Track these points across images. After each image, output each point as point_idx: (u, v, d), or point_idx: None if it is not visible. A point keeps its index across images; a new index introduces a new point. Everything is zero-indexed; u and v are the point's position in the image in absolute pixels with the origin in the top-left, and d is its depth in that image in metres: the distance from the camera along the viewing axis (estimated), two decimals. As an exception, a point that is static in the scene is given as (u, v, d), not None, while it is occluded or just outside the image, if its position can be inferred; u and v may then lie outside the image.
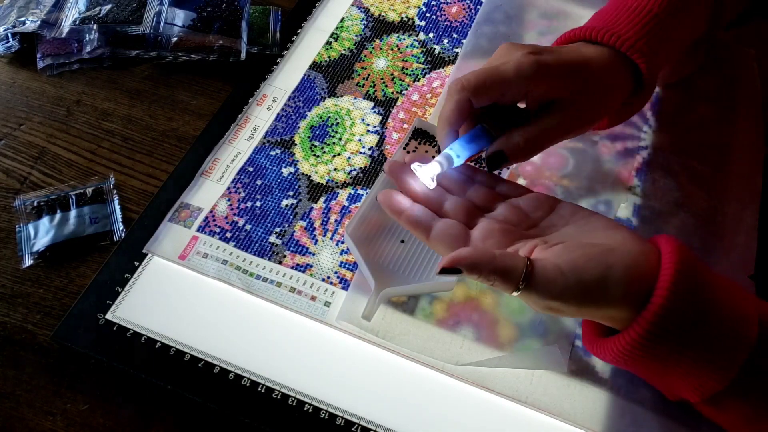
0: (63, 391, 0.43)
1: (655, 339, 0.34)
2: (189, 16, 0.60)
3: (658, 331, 0.33)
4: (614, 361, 0.37)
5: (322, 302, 0.46)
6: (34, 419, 0.42)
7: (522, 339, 0.45)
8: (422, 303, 0.47)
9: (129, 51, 0.59)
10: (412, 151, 0.51)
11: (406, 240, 0.47)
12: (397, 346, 0.44)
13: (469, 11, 0.65)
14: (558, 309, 0.35)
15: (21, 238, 0.49)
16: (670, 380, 0.37)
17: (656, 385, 0.40)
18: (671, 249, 0.35)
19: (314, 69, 0.60)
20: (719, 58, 0.61)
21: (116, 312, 0.46)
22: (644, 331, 0.34)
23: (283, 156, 0.54)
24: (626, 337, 0.35)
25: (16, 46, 0.60)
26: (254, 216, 0.51)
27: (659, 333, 0.33)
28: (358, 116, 0.57)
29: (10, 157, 0.54)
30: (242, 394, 0.43)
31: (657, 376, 0.37)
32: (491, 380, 0.44)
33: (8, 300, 0.47)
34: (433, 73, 0.60)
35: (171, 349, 0.44)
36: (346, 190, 0.52)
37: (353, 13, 0.65)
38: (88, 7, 0.58)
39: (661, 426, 0.42)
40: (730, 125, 0.57)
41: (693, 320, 0.33)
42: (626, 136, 0.56)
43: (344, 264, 0.49)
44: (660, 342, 0.34)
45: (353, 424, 0.42)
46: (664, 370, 0.36)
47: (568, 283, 0.34)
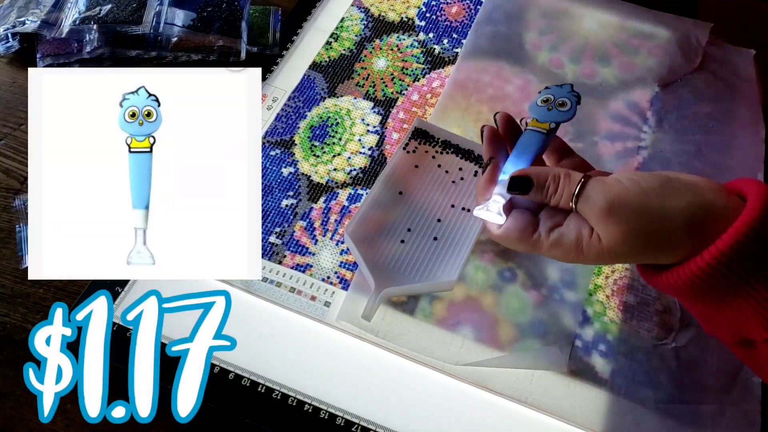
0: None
1: (740, 258, 0.32)
2: (189, 16, 0.60)
3: (747, 247, 0.32)
4: (682, 288, 0.35)
5: (322, 302, 0.46)
6: (34, 419, 0.42)
7: (522, 339, 0.45)
8: (422, 303, 0.47)
9: (129, 51, 0.59)
10: (411, 151, 0.51)
11: (406, 240, 0.47)
12: (397, 346, 0.44)
13: (469, 11, 0.65)
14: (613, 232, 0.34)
15: (21, 238, 0.49)
16: (736, 312, 0.34)
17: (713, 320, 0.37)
18: (761, 190, 0.33)
19: (314, 69, 0.60)
20: (719, 58, 0.61)
21: (116, 312, 0.45)
22: (729, 249, 0.32)
23: (283, 156, 0.54)
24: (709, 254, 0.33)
25: (16, 46, 0.60)
26: (254, 216, 0.51)
27: (748, 249, 0.32)
28: (358, 116, 0.57)
29: (10, 157, 0.54)
30: (242, 394, 0.43)
31: (725, 305, 0.35)
32: (491, 380, 0.44)
33: (8, 300, 0.47)
34: (433, 73, 0.60)
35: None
36: (346, 190, 0.52)
37: (353, 13, 0.65)
38: (88, 7, 0.58)
39: (662, 426, 0.42)
40: (730, 125, 0.57)
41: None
42: (626, 136, 0.56)
43: (344, 264, 0.49)
44: (745, 261, 0.32)
45: (353, 424, 0.42)
46: (733, 299, 0.34)
47: (628, 192, 0.34)
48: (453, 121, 0.56)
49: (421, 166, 0.50)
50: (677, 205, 0.34)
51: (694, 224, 0.34)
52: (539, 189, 0.37)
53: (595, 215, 0.35)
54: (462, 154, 0.51)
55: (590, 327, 0.46)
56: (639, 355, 0.45)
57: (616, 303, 0.47)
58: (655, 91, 0.59)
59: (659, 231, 0.34)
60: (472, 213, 0.48)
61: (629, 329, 0.46)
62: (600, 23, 0.64)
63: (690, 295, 0.36)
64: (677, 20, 0.64)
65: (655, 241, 0.34)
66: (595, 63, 0.61)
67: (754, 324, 0.34)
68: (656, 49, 0.62)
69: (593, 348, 0.45)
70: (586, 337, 0.46)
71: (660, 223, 0.34)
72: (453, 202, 0.49)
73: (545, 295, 0.47)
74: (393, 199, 0.48)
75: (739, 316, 0.35)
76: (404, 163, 0.50)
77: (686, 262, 0.34)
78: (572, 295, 0.47)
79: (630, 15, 0.65)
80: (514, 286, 0.47)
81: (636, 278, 0.48)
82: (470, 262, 0.48)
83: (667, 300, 0.47)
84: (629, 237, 0.34)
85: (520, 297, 0.47)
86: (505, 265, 0.48)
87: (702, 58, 0.61)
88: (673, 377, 0.44)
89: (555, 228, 0.37)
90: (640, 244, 0.35)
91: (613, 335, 0.46)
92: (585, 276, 0.48)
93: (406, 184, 0.49)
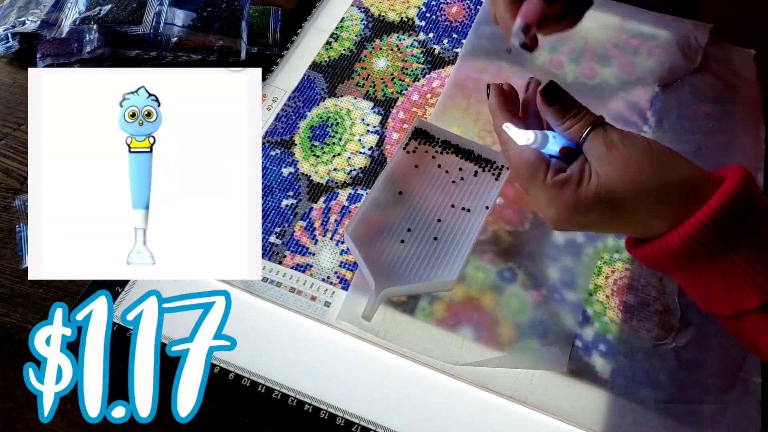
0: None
1: (731, 217, 0.33)
2: (189, 16, 0.60)
3: (734, 210, 0.33)
4: (672, 256, 0.36)
5: (322, 302, 0.46)
6: (34, 419, 0.42)
7: (522, 339, 0.45)
8: (422, 303, 0.47)
9: (129, 51, 0.59)
10: (411, 151, 0.51)
11: (406, 240, 0.47)
12: (397, 346, 0.44)
13: (469, 11, 0.65)
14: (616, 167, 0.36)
15: (21, 238, 0.49)
16: (727, 281, 0.35)
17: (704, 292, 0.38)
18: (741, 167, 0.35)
19: (314, 69, 0.60)
20: (719, 58, 0.61)
21: (116, 312, 0.46)
22: (715, 213, 0.33)
23: (283, 156, 0.54)
24: (696, 220, 0.34)
25: (16, 46, 0.60)
26: (254, 216, 0.51)
27: (735, 212, 0.33)
28: (358, 116, 0.57)
29: (10, 157, 0.54)
30: (242, 394, 0.43)
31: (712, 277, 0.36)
32: (491, 380, 0.44)
33: (8, 300, 0.47)
34: (433, 73, 0.60)
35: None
36: (346, 190, 0.52)
37: (353, 13, 0.65)
38: (88, 7, 0.58)
39: (663, 426, 0.42)
40: (730, 125, 0.57)
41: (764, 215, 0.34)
42: (626, 136, 0.56)
43: (344, 264, 0.49)
44: (728, 226, 0.33)
45: (353, 424, 0.42)
46: (721, 267, 0.35)
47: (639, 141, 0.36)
48: (453, 121, 0.56)
49: (421, 166, 0.50)
50: (680, 170, 0.36)
51: (688, 191, 0.35)
52: (562, 107, 0.39)
53: (604, 151, 0.36)
54: (462, 154, 0.51)
55: (590, 327, 0.46)
56: (639, 355, 0.45)
57: (616, 303, 0.47)
58: (655, 91, 0.59)
59: (660, 185, 0.35)
60: (472, 213, 0.48)
61: (629, 329, 0.46)
62: (600, 24, 0.64)
63: (679, 264, 0.36)
64: (677, 21, 0.64)
65: (654, 193, 0.36)
66: (595, 63, 0.61)
67: (744, 290, 0.35)
68: (656, 49, 0.62)
69: (593, 348, 0.45)
70: (586, 337, 0.46)
71: (662, 179, 0.35)
72: (453, 202, 0.49)
73: (545, 295, 0.47)
74: (393, 199, 0.49)
75: (729, 284, 0.35)
76: (404, 163, 0.50)
77: (675, 229, 0.35)
78: (572, 295, 0.47)
79: (630, 16, 0.65)
80: (514, 286, 0.47)
81: (636, 278, 0.49)
82: (470, 262, 0.48)
83: (667, 300, 0.47)
84: (633, 175, 0.35)
85: (520, 297, 0.47)
86: (505, 265, 0.48)
87: (702, 58, 0.60)
88: (673, 377, 0.44)
89: (559, 171, 0.38)
90: (641, 190, 0.36)
91: (613, 335, 0.46)
92: (585, 276, 0.48)
93: (406, 184, 0.49)
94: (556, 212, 0.38)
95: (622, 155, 0.36)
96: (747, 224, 0.34)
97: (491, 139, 0.55)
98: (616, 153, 0.36)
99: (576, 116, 0.38)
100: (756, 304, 0.35)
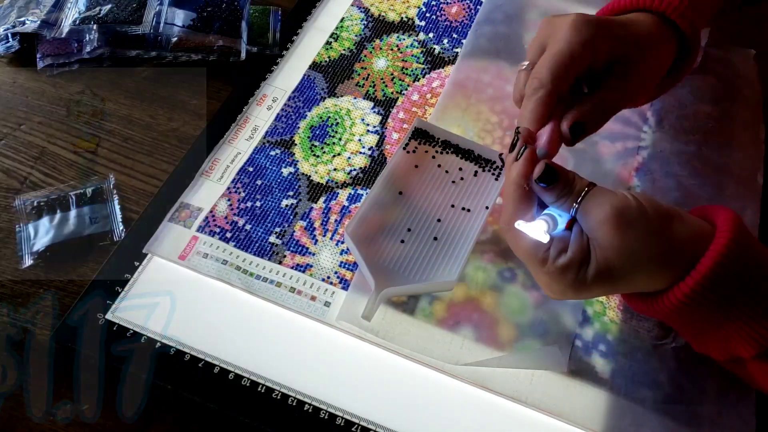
0: (63, 391, 0.43)
1: (723, 278, 0.34)
2: (189, 16, 0.60)
3: (725, 271, 0.33)
4: (671, 314, 0.36)
5: (322, 302, 0.46)
6: (34, 419, 0.42)
7: (522, 339, 0.45)
8: (422, 303, 0.47)
9: (129, 51, 0.59)
10: (412, 151, 0.51)
11: (406, 240, 0.47)
12: (397, 346, 0.44)
13: (469, 11, 0.65)
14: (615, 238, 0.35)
15: (21, 238, 0.49)
16: (725, 332, 0.36)
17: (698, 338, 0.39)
18: (728, 214, 0.36)
19: (314, 69, 0.60)
20: (719, 58, 0.61)
21: (116, 312, 0.46)
22: (710, 272, 0.34)
23: (283, 156, 0.54)
24: (686, 286, 0.34)
25: (16, 46, 0.60)
26: (254, 216, 0.51)
27: (726, 273, 0.34)
28: (358, 116, 0.57)
29: (10, 157, 0.54)
30: (242, 394, 0.43)
31: (712, 327, 0.36)
32: (491, 380, 0.44)
33: (8, 300, 0.47)
34: (433, 73, 0.60)
35: (171, 349, 0.44)
36: (346, 190, 0.52)
37: (353, 13, 0.65)
38: (88, 7, 0.58)
39: (662, 426, 0.42)
40: (730, 125, 0.57)
41: (756, 270, 0.34)
42: (626, 136, 0.56)
43: (344, 264, 0.49)
44: (727, 283, 0.34)
45: (353, 424, 0.42)
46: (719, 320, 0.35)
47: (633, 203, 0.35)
48: (453, 121, 0.56)
49: (421, 166, 0.50)
50: (677, 231, 0.36)
51: (686, 253, 0.35)
52: (558, 185, 0.37)
53: (599, 221, 0.35)
54: (462, 154, 0.51)
55: (590, 327, 0.46)
56: (639, 355, 0.45)
57: (616, 303, 0.47)
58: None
59: (659, 253, 0.35)
60: (472, 213, 0.48)
61: (629, 329, 0.46)
62: (600, 23, 0.64)
63: (678, 320, 0.37)
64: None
65: (655, 262, 0.35)
66: (595, 63, 0.61)
67: (741, 342, 0.36)
68: (656, 49, 0.62)
69: (593, 348, 0.45)
70: (586, 337, 0.46)
71: (659, 248, 0.35)
72: (453, 202, 0.49)
73: (545, 295, 0.47)
74: (393, 199, 0.48)
75: (726, 336, 0.36)
76: (404, 163, 0.50)
77: (671, 289, 0.36)
78: (572, 295, 0.47)
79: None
80: (514, 286, 0.47)
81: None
82: (470, 262, 0.48)
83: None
84: (630, 248, 0.35)
85: (520, 297, 0.47)
86: (505, 265, 0.48)
87: (702, 58, 0.60)
88: (673, 377, 0.44)
89: (561, 252, 0.36)
90: (640, 262, 0.35)
91: (613, 335, 0.46)
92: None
93: (406, 184, 0.49)
94: (559, 293, 0.37)
95: (616, 229, 0.35)
96: (740, 280, 0.34)
97: (491, 139, 0.55)
98: (611, 226, 0.35)
99: (567, 190, 0.37)
100: (751, 354, 0.36)
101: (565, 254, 0.36)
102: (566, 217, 0.37)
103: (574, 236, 0.37)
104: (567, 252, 0.36)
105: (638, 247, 0.35)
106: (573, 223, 0.38)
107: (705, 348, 0.39)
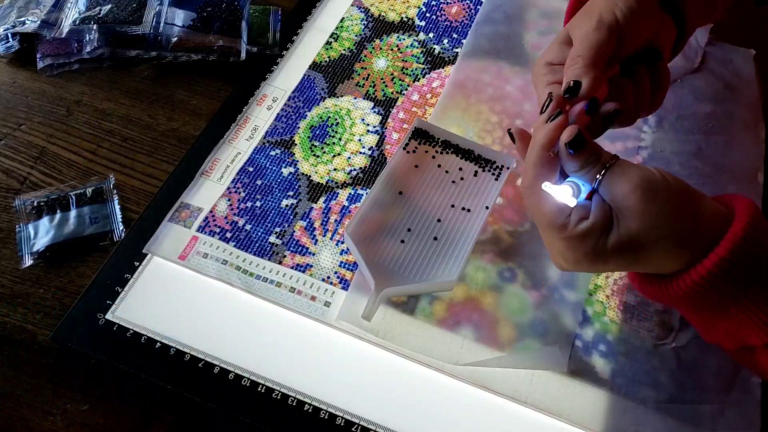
0: (63, 391, 0.43)
1: (741, 261, 0.33)
2: (189, 16, 0.60)
3: (744, 253, 0.33)
4: (683, 298, 0.36)
5: (322, 302, 0.46)
6: (34, 419, 0.42)
7: (522, 339, 0.45)
8: (422, 303, 0.47)
9: (129, 51, 0.59)
10: (412, 151, 0.51)
11: (406, 240, 0.47)
12: (397, 346, 0.44)
13: (469, 11, 0.65)
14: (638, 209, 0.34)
15: (21, 238, 0.49)
16: (737, 319, 0.36)
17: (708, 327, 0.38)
18: (746, 201, 0.35)
19: (314, 69, 0.60)
20: (719, 58, 0.61)
21: (116, 312, 0.46)
22: (730, 253, 0.33)
23: (283, 156, 0.54)
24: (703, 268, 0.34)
25: (16, 46, 0.60)
26: (254, 216, 0.51)
27: (745, 255, 0.33)
28: (358, 116, 0.57)
29: (10, 157, 0.54)
30: (242, 394, 0.43)
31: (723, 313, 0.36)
32: (491, 380, 0.44)
33: (8, 300, 0.47)
34: (433, 73, 0.60)
35: (171, 349, 0.44)
36: (346, 190, 0.52)
37: (353, 13, 0.65)
38: (88, 7, 0.58)
39: (663, 425, 0.42)
40: (730, 125, 0.57)
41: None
42: (626, 136, 0.56)
43: (344, 264, 0.49)
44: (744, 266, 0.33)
45: (353, 424, 0.42)
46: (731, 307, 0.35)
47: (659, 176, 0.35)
48: (453, 121, 0.56)
49: (421, 166, 0.50)
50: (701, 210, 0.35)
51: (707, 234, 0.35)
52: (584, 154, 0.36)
53: (625, 192, 0.35)
54: (462, 154, 0.51)
55: (590, 327, 0.46)
56: (639, 355, 0.45)
57: (616, 303, 0.47)
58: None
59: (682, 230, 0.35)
60: (472, 213, 0.48)
61: (629, 329, 0.46)
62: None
63: (690, 305, 0.37)
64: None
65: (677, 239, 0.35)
66: (595, 63, 0.61)
67: (753, 329, 0.35)
68: (656, 49, 0.62)
69: (593, 348, 0.45)
70: (586, 337, 0.46)
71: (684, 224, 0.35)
72: (453, 202, 0.49)
73: (545, 295, 0.47)
74: (393, 199, 0.48)
75: (738, 323, 0.36)
76: (404, 163, 0.50)
77: (687, 271, 0.35)
78: (572, 295, 0.47)
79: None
80: (514, 286, 0.47)
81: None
82: (470, 262, 0.48)
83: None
84: (655, 221, 0.34)
85: (520, 297, 0.47)
86: (505, 265, 0.48)
87: (702, 58, 0.60)
88: (673, 377, 0.44)
89: (582, 219, 0.36)
90: (662, 237, 0.35)
91: (613, 335, 0.46)
92: (585, 276, 0.48)
93: (406, 184, 0.49)
94: (574, 262, 0.37)
95: (643, 200, 0.34)
96: (757, 265, 0.34)
97: (491, 139, 0.55)
98: (638, 196, 0.34)
99: (594, 159, 0.37)
100: (764, 341, 0.35)
101: (587, 220, 0.36)
102: (588, 187, 0.37)
103: (596, 204, 0.36)
104: (589, 218, 0.36)
105: (662, 221, 0.34)
106: (592, 196, 0.37)
107: (715, 336, 0.38)
